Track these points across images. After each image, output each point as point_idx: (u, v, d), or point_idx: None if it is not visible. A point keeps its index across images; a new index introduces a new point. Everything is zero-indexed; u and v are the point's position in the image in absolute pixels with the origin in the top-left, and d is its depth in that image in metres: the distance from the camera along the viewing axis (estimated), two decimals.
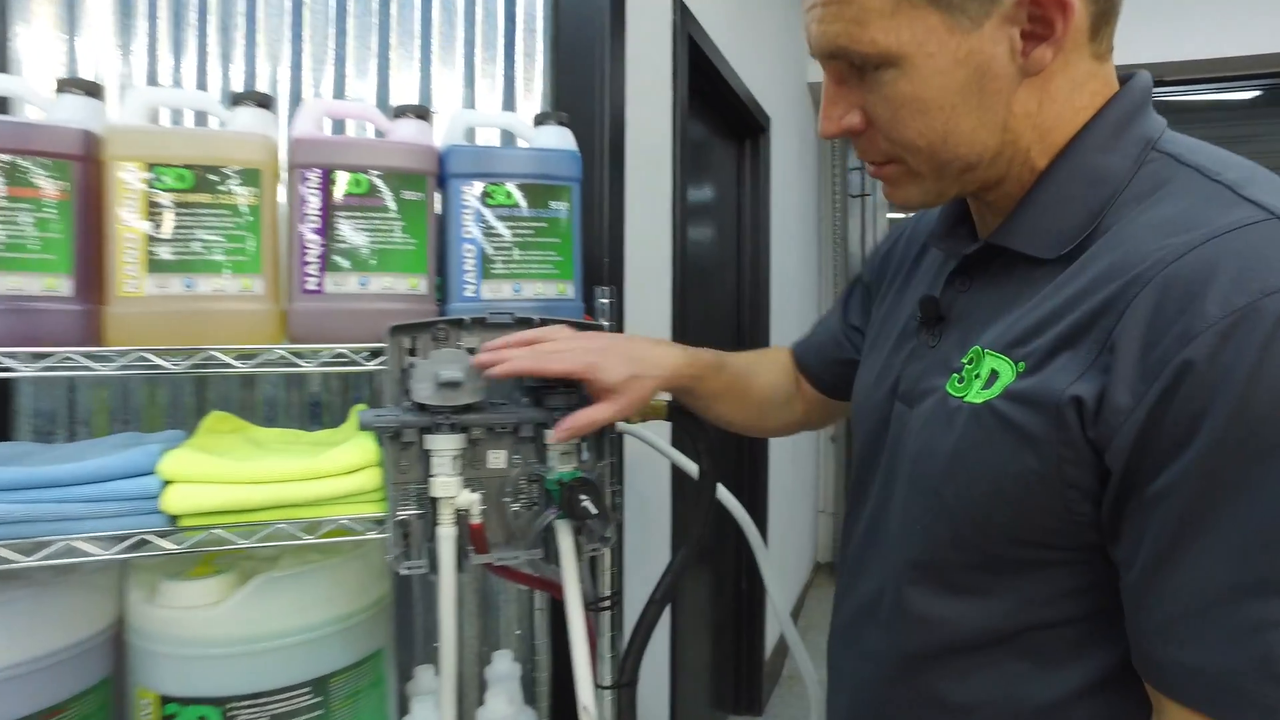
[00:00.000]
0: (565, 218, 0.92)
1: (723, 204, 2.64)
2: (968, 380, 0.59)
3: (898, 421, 0.67)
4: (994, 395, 0.56)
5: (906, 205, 0.64)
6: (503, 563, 0.84)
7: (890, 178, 0.63)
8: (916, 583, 0.62)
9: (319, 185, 0.83)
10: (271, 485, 0.80)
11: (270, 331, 0.82)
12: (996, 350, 0.57)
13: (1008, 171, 0.60)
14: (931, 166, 0.59)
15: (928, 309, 0.67)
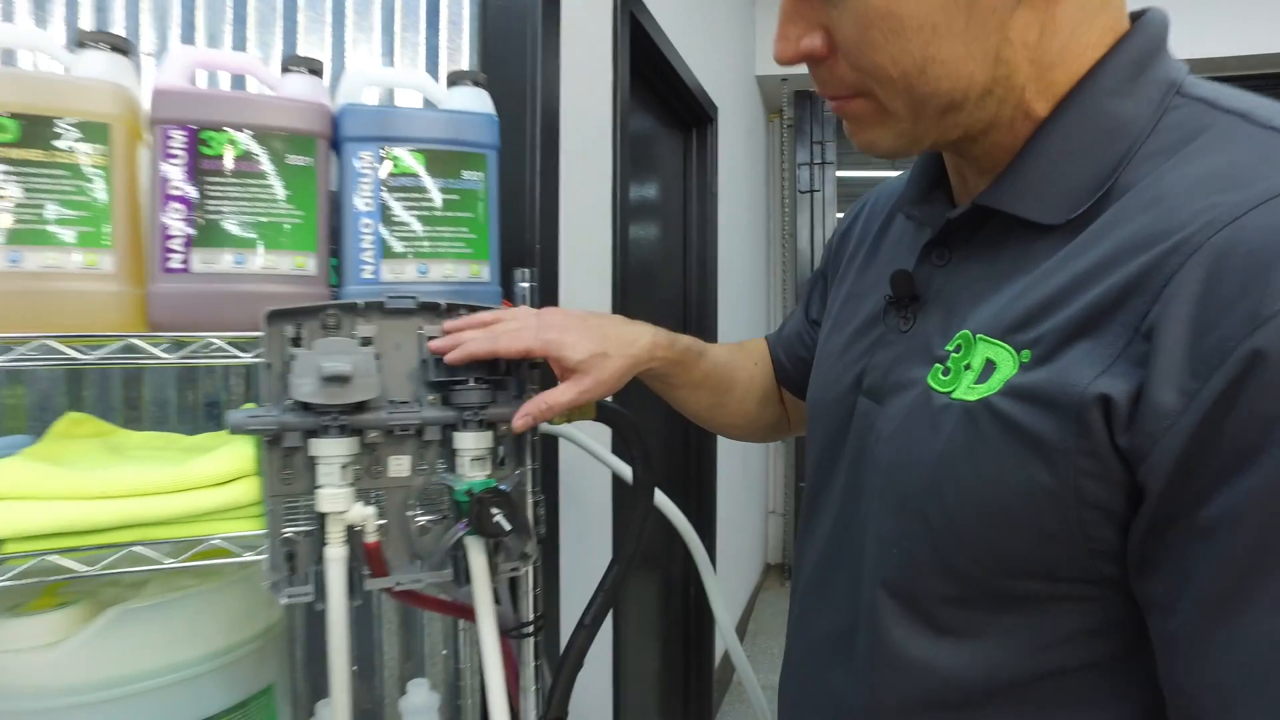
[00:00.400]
0: (480, 190, 0.81)
1: (668, 195, 2.54)
2: (955, 372, 0.49)
3: (862, 420, 0.58)
4: (992, 391, 0.46)
5: (873, 149, 0.54)
6: (405, 587, 0.73)
7: (856, 115, 0.52)
8: (894, 616, 0.52)
9: (185, 146, 0.70)
10: (122, 501, 0.67)
11: (125, 317, 0.69)
12: (992, 335, 0.48)
13: (997, 116, 0.50)
14: (907, 102, 0.49)
15: (900, 285, 0.57)
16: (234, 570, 0.80)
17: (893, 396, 0.54)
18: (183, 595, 0.75)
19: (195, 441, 0.87)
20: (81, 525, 0.66)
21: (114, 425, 0.90)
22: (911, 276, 0.57)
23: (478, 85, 0.85)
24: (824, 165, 4.11)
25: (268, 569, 0.70)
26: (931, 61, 0.47)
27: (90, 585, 0.78)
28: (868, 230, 0.71)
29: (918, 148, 0.53)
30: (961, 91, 0.48)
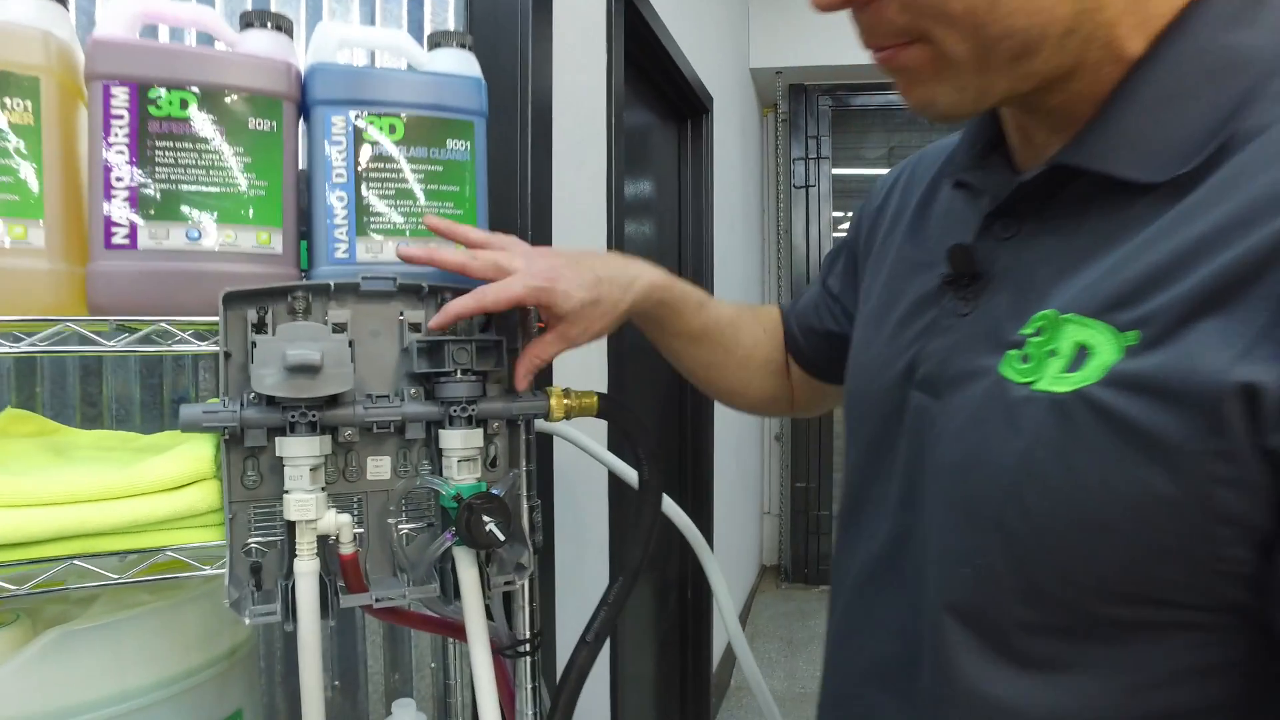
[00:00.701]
0: (466, 161, 0.73)
1: (662, 188, 2.46)
2: (1036, 359, 0.42)
3: (918, 417, 0.50)
4: (1091, 380, 0.39)
5: (930, 109, 0.46)
6: (387, 603, 0.65)
7: (911, 66, 0.44)
8: (965, 646, 0.44)
9: (128, 104, 0.62)
10: (58, 508, 0.59)
11: (60, 299, 0.61)
12: (1085, 314, 0.40)
13: (1081, 59, 0.42)
14: (972, 47, 0.41)
15: (959, 261, 0.49)
16: (194, 586, 0.72)
17: (955, 389, 0.47)
18: (135, 614, 0.67)
19: (151, 441, 0.78)
20: (12, 537, 0.57)
21: (63, 424, 0.82)
22: (971, 252, 0.49)
23: (463, 47, 0.77)
24: (819, 160, 4.05)
25: (229, 585, 0.61)
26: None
27: (28, 604, 0.70)
28: (906, 201, 0.63)
29: (983, 104, 0.45)
30: (1039, 30, 0.41)
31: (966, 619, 0.45)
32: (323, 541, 0.63)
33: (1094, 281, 0.41)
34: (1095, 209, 0.44)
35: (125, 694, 0.65)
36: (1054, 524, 0.40)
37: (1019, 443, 0.41)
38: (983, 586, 0.43)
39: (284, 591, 0.63)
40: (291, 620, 0.61)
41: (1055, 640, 0.42)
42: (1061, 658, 0.41)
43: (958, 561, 0.45)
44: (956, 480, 0.45)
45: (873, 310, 0.61)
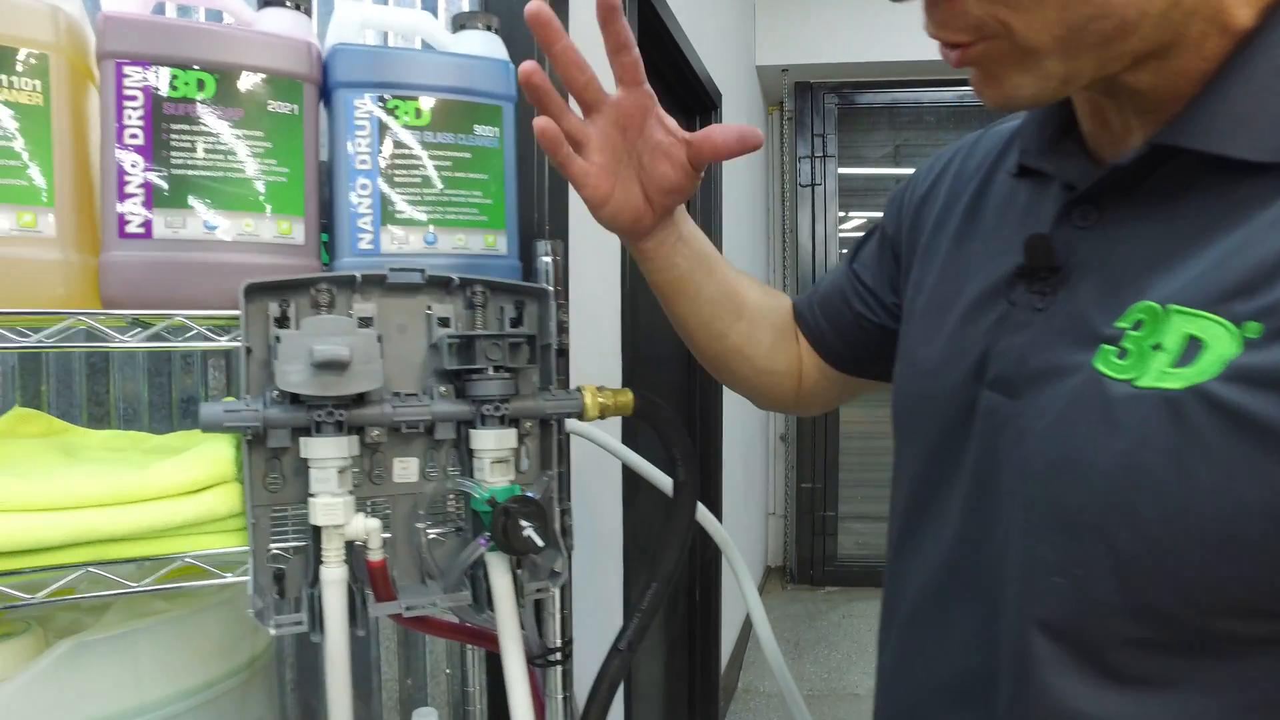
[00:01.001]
0: (495, 148, 0.69)
1: None
2: (1137, 353, 0.39)
3: (991, 418, 0.47)
4: (1206, 376, 0.36)
5: (1012, 103, 0.43)
6: (416, 612, 0.61)
7: (988, 60, 0.42)
8: (1057, 663, 0.41)
9: (142, 85, 0.58)
10: (73, 513, 0.56)
11: (71, 291, 0.58)
12: (1195, 306, 0.37)
13: (1182, 33, 0.39)
14: (1059, 35, 0.39)
15: (1038, 253, 0.46)
16: (211, 593, 0.68)
17: (1037, 387, 0.44)
18: (151, 623, 0.63)
19: (163, 441, 0.75)
20: (22, 544, 0.54)
21: (71, 424, 0.79)
22: (1051, 243, 0.46)
23: (489, 29, 0.74)
24: (825, 159, 4.01)
25: (252, 593, 0.58)
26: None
27: (39, 612, 0.67)
28: (958, 193, 0.60)
29: (1069, 89, 0.42)
30: (1138, 7, 0.38)
31: (1057, 633, 0.41)
32: (349, 547, 0.60)
33: (1202, 271, 0.38)
34: (1194, 193, 0.41)
35: (143, 707, 0.62)
36: (1168, 534, 0.37)
37: (1119, 444, 0.38)
38: (1079, 598, 0.40)
39: (310, 600, 0.60)
40: (319, 630, 0.58)
41: (1158, 656, 0.39)
42: (1164, 674, 0.38)
43: (1049, 571, 0.41)
44: (1046, 485, 0.42)
45: (925, 306, 0.58)
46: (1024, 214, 0.51)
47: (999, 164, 0.57)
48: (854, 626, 3.50)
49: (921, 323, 0.57)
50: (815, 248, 4.03)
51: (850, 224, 4.08)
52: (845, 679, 3.08)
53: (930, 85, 3.89)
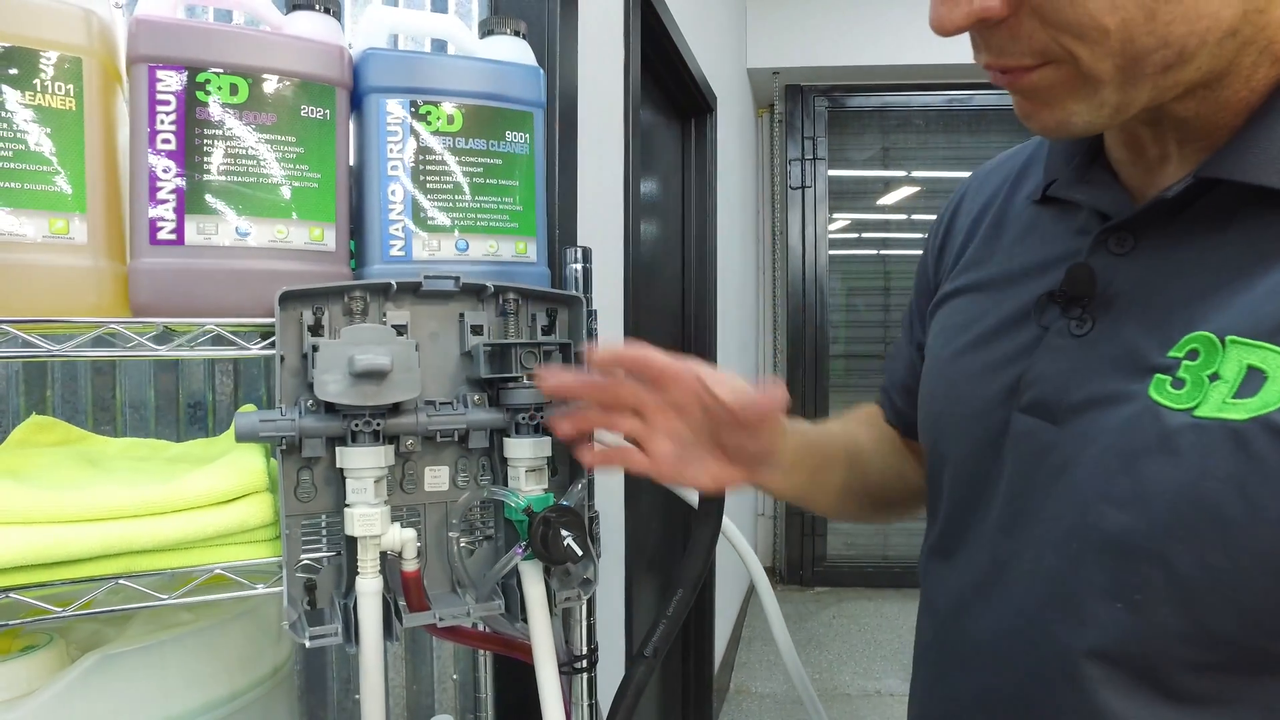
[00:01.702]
0: (525, 154, 0.69)
1: (666, 186, 2.43)
2: (1194, 384, 0.39)
3: (1028, 442, 0.47)
4: (1273, 407, 0.36)
5: (1064, 130, 0.43)
6: (449, 622, 0.61)
7: (1043, 88, 0.41)
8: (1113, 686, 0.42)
9: (176, 90, 0.57)
10: (104, 524, 0.55)
11: (102, 299, 0.57)
12: (1253, 337, 0.38)
13: (1235, 63, 0.39)
14: (1120, 63, 0.38)
15: (1079, 281, 0.46)
16: (235, 604, 0.68)
17: (1086, 415, 0.44)
18: (178, 635, 0.62)
19: (184, 450, 0.74)
20: (54, 556, 0.53)
21: (87, 432, 0.77)
22: (1093, 271, 0.46)
23: (517, 35, 0.73)
24: (815, 161, 4.03)
25: (287, 604, 0.57)
26: (1165, 3, 0.36)
27: (60, 625, 0.65)
28: (974, 227, 0.60)
29: (1121, 118, 0.42)
30: (1199, 37, 0.38)
31: (1113, 656, 0.42)
32: (383, 557, 0.59)
33: (1257, 302, 0.38)
34: (1239, 224, 0.41)
35: (169, 719, 0.61)
36: (1231, 562, 0.37)
37: (1180, 473, 0.38)
38: (1138, 623, 0.41)
39: (343, 611, 0.59)
40: (353, 642, 0.58)
41: (1217, 677, 0.39)
42: (1222, 693, 0.39)
43: (1104, 597, 0.42)
44: (1102, 513, 0.42)
45: (945, 331, 0.58)
46: (1048, 239, 0.51)
47: (1016, 190, 0.57)
48: (844, 627, 3.52)
49: (943, 349, 0.57)
50: (805, 249, 4.05)
51: (838, 225, 4.10)
52: (836, 679, 3.09)
53: (920, 89, 3.91)
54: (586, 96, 1.42)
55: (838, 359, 4.11)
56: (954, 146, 4.02)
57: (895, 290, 4.08)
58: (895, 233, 4.12)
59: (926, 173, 4.05)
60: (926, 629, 0.57)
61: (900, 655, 3.22)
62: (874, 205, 4.12)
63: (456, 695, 1.19)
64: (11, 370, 0.94)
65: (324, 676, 1.11)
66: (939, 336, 0.59)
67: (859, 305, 4.14)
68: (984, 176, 0.63)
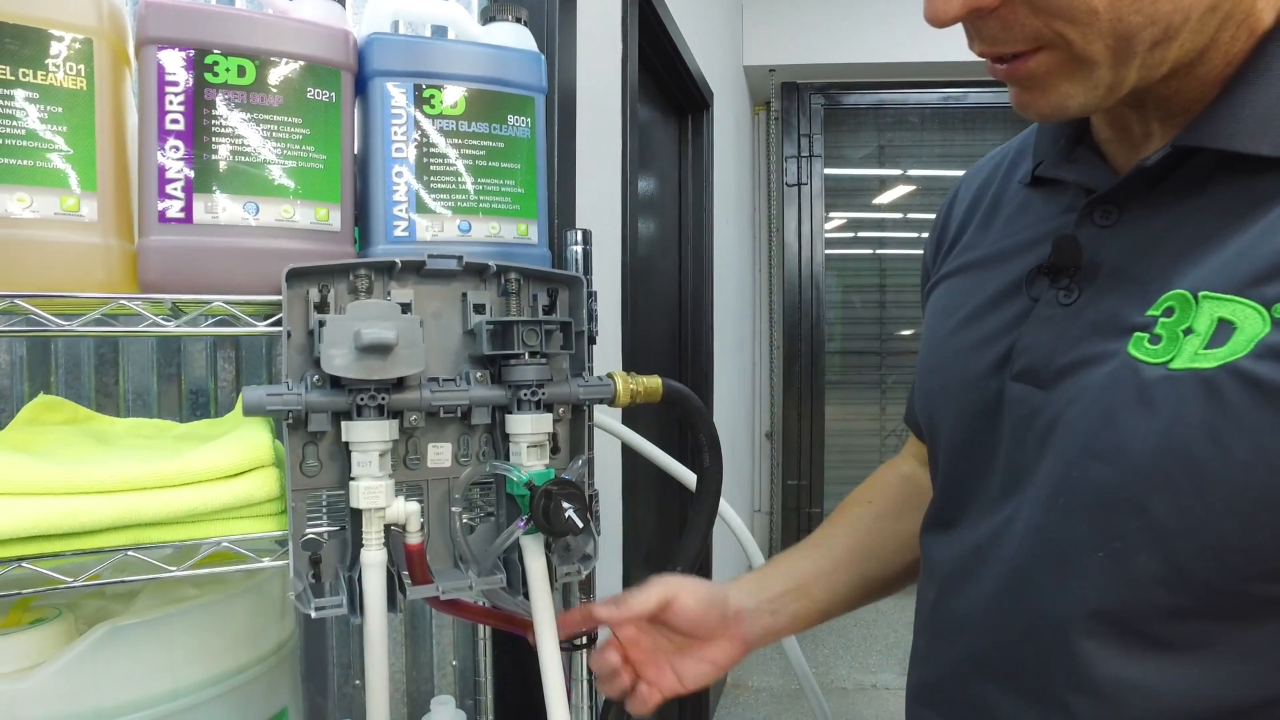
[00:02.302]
0: (527, 138, 0.70)
1: (663, 182, 2.44)
2: (1170, 338, 0.41)
3: (1020, 409, 0.48)
4: (1240, 353, 0.37)
5: (1061, 113, 0.44)
6: (451, 595, 0.62)
7: (1038, 74, 0.43)
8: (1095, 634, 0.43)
9: (184, 71, 0.59)
10: (115, 496, 0.56)
11: (110, 275, 0.58)
12: (1224, 291, 0.39)
13: (1215, 37, 0.41)
14: (1111, 43, 0.40)
15: (1065, 252, 0.47)
16: (241, 579, 0.69)
17: (1071, 377, 0.45)
18: (185, 609, 0.63)
19: (191, 429, 0.75)
20: (65, 526, 0.54)
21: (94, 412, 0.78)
22: (1079, 242, 0.48)
23: (518, 21, 0.74)
24: (811, 158, 4.05)
25: (292, 576, 0.59)
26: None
27: (67, 598, 0.66)
28: (968, 216, 0.62)
29: (1114, 97, 0.43)
30: (1183, 13, 0.39)
31: (1096, 606, 0.43)
32: (387, 531, 0.60)
33: (1229, 259, 0.40)
34: (1214, 190, 0.43)
35: (177, 691, 0.62)
36: (1204, 505, 0.38)
37: (1156, 422, 0.40)
38: (1118, 572, 0.42)
39: (348, 584, 0.60)
40: (358, 613, 0.59)
41: (1195, 623, 0.40)
42: (1201, 639, 0.40)
43: (1087, 549, 0.43)
44: (1079, 468, 0.43)
45: (941, 311, 0.60)
46: (1039, 218, 0.53)
47: (1009, 177, 0.59)
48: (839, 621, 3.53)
49: (938, 327, 0.59)
50: (801, 247, 4.06)
51: (834, 222, 4.12)
52: (832, 673, 3.11)
53: (915, 87, 3.93)
54: (585, 90, 1.43)
55: (834, 355, 4.12)
56: (949, 144, 4.04)
57: (891, 287, 4.10)
58: (891, 230, 4.14)
59: (922, 170, 4.07)
60: (927, 598, 0.59)
61: (896, 649, 3.24)
62: (870, 203, 4.13)
63: (456, 680, 1.21)
64: (16, 356, 0.95)
65: (324, 662, 1.12)
66: (933, 318, 0.61)
67: (855, 302, 4.16)
68: (977, 170, 0.64)
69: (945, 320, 0.58)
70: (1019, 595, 0.48)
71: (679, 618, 0.64)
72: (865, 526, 0.70)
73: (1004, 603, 0.49)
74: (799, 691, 2.99)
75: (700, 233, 2.64)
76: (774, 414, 4.11)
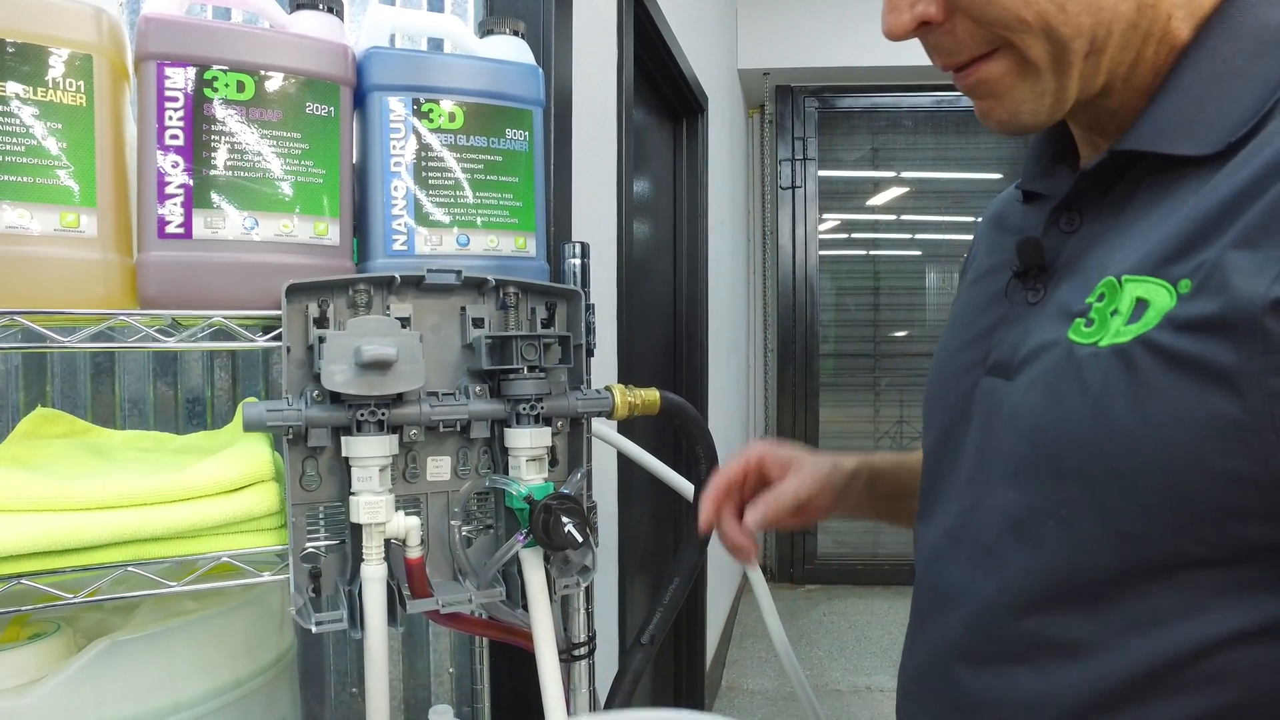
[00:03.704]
0: (525, 151, 0.71)
1: (658, 186, 2.45)
2: (1099, 320, 0.44)
3: (987, 398, 0.52)
4: (1150, 327, 0.41)
5: (1015, 120, 0.49)
6: (451, 608, 0.62)
7: (994, 79, 0.48)
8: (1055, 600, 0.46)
9: (184, 87, 0.59)
10: (115, 512, 0.56)
11: (109, 291, 0.58)
12: (1141, 273, 0.43)
13: (1140, 54, 0.46)
14: (1049, 49, 0.45)
15: (1029, 253, 0.52)
16: (239, 592, 0.69)
17: (1027, 366, 0.49)
18: (185, 623, 0.63)
19: (188, 441, 0.75)
20: (65, 543, 0.54)
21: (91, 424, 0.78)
22: (1040, 244, 0.52)
23: (516, 34, 0.75)
24: (805, 161, 4.06)
25: (293, 591, 0.59)
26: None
27: (66, 613, 0.66)
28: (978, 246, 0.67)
29: (1060, 109, 0.48)
30: (1105, 26, 0.44)
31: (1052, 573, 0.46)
32: (387, 545, 0.60)
33: (1150, 246, 0.44)
34: (1145, 188, 0.47)
35: (178, 705, 0.62)
36: (1131, 464, 0.42)
37: (1089, 395, 0.43)
38: (1067, 536, 0.45)
39: (348, 598, 0.60)
40: (359, 628, 0.59)
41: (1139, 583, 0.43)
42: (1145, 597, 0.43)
43: (1041, 518, 0.46)
44: (1036, 443, 0.47)
45: (948, 328, 0.63)
46: (1022, 230, 0.57)
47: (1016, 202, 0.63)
48: (834, 624, 3.54)
49: (945, 343, 0.62)
50: (795, 250, 4.07)
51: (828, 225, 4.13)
52: (827, 676, 3.11)
53: (909, 90, 3.94)
54: (581, 96, 1.44)
55: (827, 358, 4.13)
56: (943, 147, 4.05)
57: (885, 290, 4.11)
58: (885, 233, 4.15)
59: (915, 173, 4.08)
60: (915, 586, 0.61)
61: (890, 652, 3.25)
62: (864, 205, 4.14)
63: (453, 687, 1.21)
64: (11, 366, 0.95)
65: (321, 670, 1.12)
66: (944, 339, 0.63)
67: (849, 305, 4.17)
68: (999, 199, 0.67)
69: (950, 336, 0.62)
70: (988, 569, 0.50)
71: None
72: None
73: (974, 578, 0.51)
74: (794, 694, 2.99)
75: (695, 236, 2.64)
76: (768, 416, 4.12)
